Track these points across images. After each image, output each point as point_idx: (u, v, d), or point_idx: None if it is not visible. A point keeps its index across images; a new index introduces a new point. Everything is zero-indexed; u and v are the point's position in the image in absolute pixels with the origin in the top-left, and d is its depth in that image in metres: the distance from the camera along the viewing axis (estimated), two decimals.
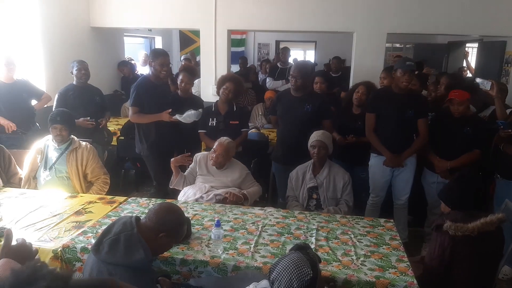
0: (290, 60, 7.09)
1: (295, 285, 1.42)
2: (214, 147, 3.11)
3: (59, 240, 2.24)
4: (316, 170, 3.12)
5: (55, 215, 2.57)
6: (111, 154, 4.76)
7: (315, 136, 3.09)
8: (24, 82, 4.26)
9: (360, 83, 3.92)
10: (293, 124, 3.53)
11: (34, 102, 4.36)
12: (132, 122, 3.86)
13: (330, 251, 2.20)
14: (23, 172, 3.33)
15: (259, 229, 2.45)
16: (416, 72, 3.67)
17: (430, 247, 2.26)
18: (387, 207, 3.65)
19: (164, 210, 1.85)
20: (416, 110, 3.31)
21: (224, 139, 3.15)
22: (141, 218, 1.87)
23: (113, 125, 5.19)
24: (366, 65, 5.17)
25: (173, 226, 1.83)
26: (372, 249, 2.24)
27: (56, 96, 4.24)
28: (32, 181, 3.27)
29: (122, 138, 4.78)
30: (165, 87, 3.95)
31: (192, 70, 4.27)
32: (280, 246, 2.25)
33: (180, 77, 4.07)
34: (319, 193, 3.07)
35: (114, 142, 4.87)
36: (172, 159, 3.14)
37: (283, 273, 1.44)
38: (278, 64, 6.62)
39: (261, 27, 5.62)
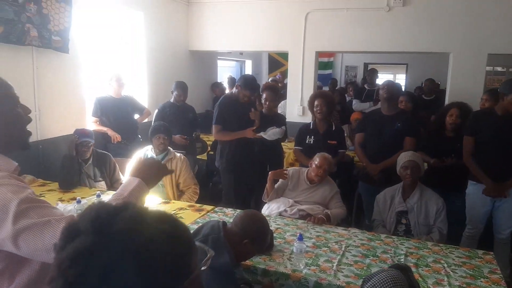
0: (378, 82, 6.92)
1: None
2: (317, 162, 3.06)
3: None
4: (406, 193, 2.96)
5: None
6: (201, 167, 5.04)
7: (406, 157, 2.95)
8: (129, 98, 4.74)
9: (452, 104, 3.62)
10: (383, 142, 3.44)
11: (136, 116, 4.82)
12: (216, 139, 4.04)
13: (420, 279, 2.05)
14: (124, 178, 3.67)
15: (343, 248, 2.38)
16: None
17: None
18: (486, 240, 3.30)
19: (250, 218, 1.90)
20: None
21: (326, 154, 3.14)
22: (227, 223, 1.94)
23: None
24: (463, 87, 4.85)
25: (257, 234, 1.87)
26: (469, 281, 2.04)
27: (156, 111, 4.65)
28: None
29: (212, 152, 5.03)
30: (248, 105, 4.08)
31: (274, 88, 4.36)
32: (365, 268, 2.16)
33: (264, 95, 4.18)
34: (409, 218, 2.90)
35: (204, 157, 5.15)
36: (271, 172, 3.16)
37: (378, 286, 1.38)
38: (365, 86, 6.49)
39: (349, 48, 5.61)
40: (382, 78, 8.03)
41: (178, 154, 3.64)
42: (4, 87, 1.25)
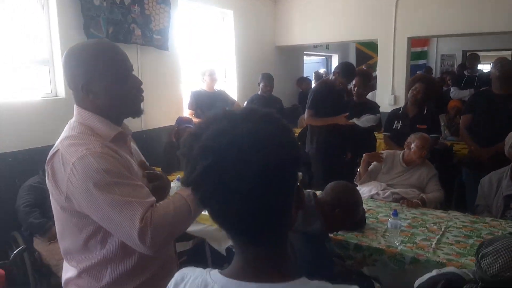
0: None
1: None
2: (418, 143, 2.92)
3: None
4: None
5: None
6: None
7: None
8: (222, 92, 4.98)
9: None
10: (494, 124, 3.13)
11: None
12: (307, 124, 4.06)
13: None
14: None
15: (442, 229, 2.24)
16: None
17: None
18: None
19: (341, 187, 1.89)
20: None
21: (424, 134, 3.00)
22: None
23: None
24: None
25: (349, 204, 1.84)
26: None
27: (245, 103, 4.83)
28: None
29: (299, 143, 5.06)
30: (341, 92, 4.04)
31: (364, 74, 4.25)
32: (468, 248, 2.00)
33: (354, 82, 4.09)
34: None
35: None
36: (366, 153, 3.11)
37: (503, 251, 1.28)
38: (465, 73, 5.98)
39: (445, 31, 5.22)
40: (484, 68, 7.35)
41: None
42: (114, 51, 1.22)
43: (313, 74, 7.88)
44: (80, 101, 1.22)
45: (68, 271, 1.27)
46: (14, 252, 2.18)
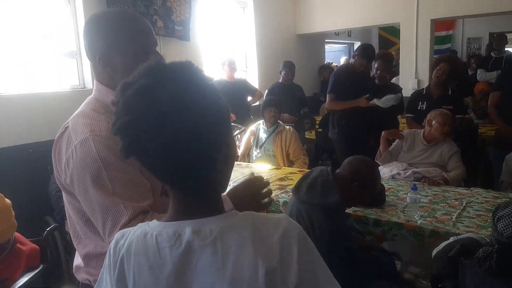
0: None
1: None
2: (440, 119, 2.91)
3: None
4: None
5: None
6: (309, 148, 5.10)
7: None
8: (242, 81, 5.04)
9: None
10: None
11: (249, 98, 5.10)
12: (329, 109, 4.06)
13: None
14: (240, 150, 3.94)
15: (463, 204, 2.22)
16: None
17: None
18: None
19: (359, 162, 1.91)
20: None
21: (444, 110, 2.98)
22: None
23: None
24: None
25: (366, 177, 1.86)
26: None
27: (266, 91, 4.87)
28: (246, 157, 3.84)
29: (320, 130, 5.07)
30: (363, 75, 4.00)
31: (387, 56, 4.19)
32: (489, 221, 1.98)
33: (376, 64, 4.05)
34: None
35: (313, 135, 5.21)
36: (385, 131, 3.11)
37: None
38: (492, 54, 5.80)
39: (470, 11, 5.06)
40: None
41: (287, 127, 3.77)
42: (138, 22, 1.12)
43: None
44: (98, 75, 1.14)
45: (78, 258, 1.19)
46: (48, 229, 2.31)
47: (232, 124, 0.82)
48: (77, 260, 1.19)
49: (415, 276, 2.62)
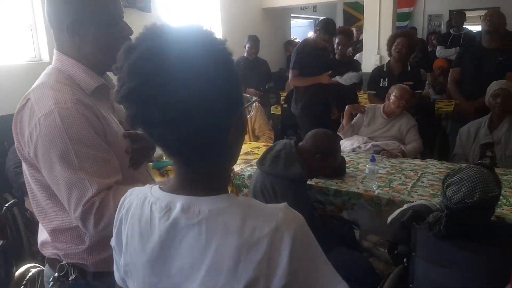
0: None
1: (477, 196, 1.34)
2: (397, 93, 2.99)
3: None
4: (494, 125, 2.77)
5: None
6: (276, 123, 5.15)
7: (496, 85, 2.75)
8: None
9: None
10: (481, 77, 3.15)
11: None
12: (292, 85, 4.09)
13: (502, 199, 1.97)
14: None
15: (418, 174, 2.35)
16: None
17: None
18: None
19: (321, 134, 1.96)
20: None
21: (404, 85, 3.07)
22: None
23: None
24: None
25: (328, 149, 1.92)
26: None
27: None
28: None
29: (285, 105, 5.11)
30: (325, 51, 4.04)
31: (347, 32, 4.23)
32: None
33: (336, 40, 4.08)
34: (495, 151, 2.73)
35: (278, 111, 5.25)
36: (348, 105, 3.18)
37: (466, 180, 1.37)
38: (451, 31, 6.00)
39: None
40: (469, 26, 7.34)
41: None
42: (94, 2, 1.05)
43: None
44: (62, 44, 1.08)
45: (43, 233, 1.15)
46: (6, 205, 2.25)
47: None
48: (43, 236, 1.15)
49: (374, 244, 2.78)
